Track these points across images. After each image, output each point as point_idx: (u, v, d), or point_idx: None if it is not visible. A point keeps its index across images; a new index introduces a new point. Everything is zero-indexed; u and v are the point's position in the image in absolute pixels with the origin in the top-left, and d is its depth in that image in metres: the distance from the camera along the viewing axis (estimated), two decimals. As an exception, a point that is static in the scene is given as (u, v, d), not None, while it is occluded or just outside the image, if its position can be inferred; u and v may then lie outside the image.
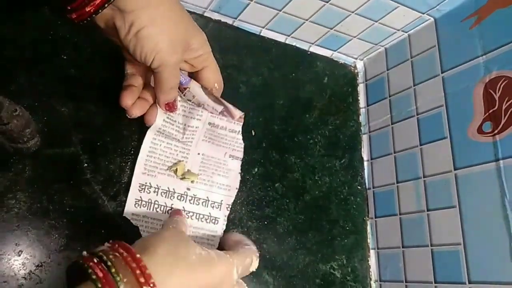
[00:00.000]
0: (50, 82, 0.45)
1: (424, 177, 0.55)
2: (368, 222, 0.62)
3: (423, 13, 0.58)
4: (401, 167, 0.59)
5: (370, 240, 0.61)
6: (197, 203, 0.48)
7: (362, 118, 0.68)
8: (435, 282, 0.51)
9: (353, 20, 0.60)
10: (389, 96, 0.64)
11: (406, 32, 0.63)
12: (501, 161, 0.46)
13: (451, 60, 0.55)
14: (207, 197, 0.49)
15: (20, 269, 0.39)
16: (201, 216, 0.48)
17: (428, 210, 0.54)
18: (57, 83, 0.46)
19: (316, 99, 0.64)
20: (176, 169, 0.47)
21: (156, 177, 0.46)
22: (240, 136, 0.51)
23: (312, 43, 0.66)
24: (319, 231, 0.58)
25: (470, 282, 0.47)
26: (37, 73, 0.45)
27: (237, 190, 0.50)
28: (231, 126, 0.50)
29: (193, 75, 0.47)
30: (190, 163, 0.48)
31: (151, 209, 0.45)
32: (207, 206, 0.48)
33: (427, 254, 0.53)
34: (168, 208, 0.46)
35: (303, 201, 0.58)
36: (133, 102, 0.43)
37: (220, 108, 0.48)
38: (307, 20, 0.60)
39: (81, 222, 0.43)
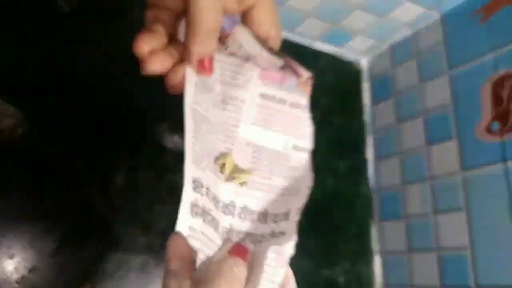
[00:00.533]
0: (45, 79, 0.45)
1: (430, 178, 0.54)
2: (373, 225, 0.61)
3: (430, 9, 0.57)
4: (407, 168, 0.58)
5: (375, 244, 0.60)
6: (252, 218, 0.31)
7: (367, 117, 0.67)
8: (442, 287, 0.50)
9: (358, 15, 0.59)
10: (395, 95, 0.63)
11: (412, 28, 0.61)
12: (509, 162, 0.45)
13: (458, 57, 0.54)
14: (266, 210, 0.31)
15: (13, 273, 0.39)
16: (259, 237, 0.30)
17: (435, 213, 0.53)
18: (51, 81, 0.45)
19: (319, 97, 0.63)
20: (224, 164, 0.30)
21: (204, 172, 0.29)
22: (307, 114, 0.32)
23: (316, 39, 0.65)
24: (322, 234, 0.56)
25: (478, 286, 0.46)
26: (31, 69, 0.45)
27: (309, 190, 0.32)
28: (294, 98, 0.32)
29: (240, 19, 0.32)
30: (235, 157, 0.31)
31: (206, 222, 0.28)
32: (267, 222, 0.31)
33: (433, 258, 0.52)
34: (221, 228, 0.29)
35: (305, 203, 0.57)
36: (150, 50, 0.29)
37: (280, 62, 0.32)
38: (310, 15, 0.59)
39: (76, 225, 0.42)
